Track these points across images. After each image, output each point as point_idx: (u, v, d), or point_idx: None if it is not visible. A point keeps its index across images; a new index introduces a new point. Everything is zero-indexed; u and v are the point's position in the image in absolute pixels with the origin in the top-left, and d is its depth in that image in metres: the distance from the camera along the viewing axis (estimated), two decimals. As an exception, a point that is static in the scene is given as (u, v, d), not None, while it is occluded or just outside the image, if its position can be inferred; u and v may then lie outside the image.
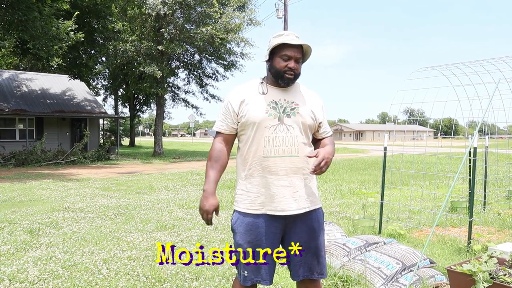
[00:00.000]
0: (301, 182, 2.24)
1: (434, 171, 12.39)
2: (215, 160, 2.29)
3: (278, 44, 2.21)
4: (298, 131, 2.23)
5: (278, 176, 2.20)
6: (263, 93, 2.26)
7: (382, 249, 3.95)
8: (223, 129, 2.31)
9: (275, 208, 2.21)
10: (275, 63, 2.23)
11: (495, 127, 7.58)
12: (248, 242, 2.23)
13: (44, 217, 6.48)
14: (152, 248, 4.78)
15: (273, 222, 2.23)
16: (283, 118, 2.22)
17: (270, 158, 2.20)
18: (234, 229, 2.30)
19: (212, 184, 2.25)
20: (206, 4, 21.10)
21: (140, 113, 43.78)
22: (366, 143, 68.87)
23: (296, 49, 2.22)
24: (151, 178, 12.53)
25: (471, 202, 4.62)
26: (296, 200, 2.22)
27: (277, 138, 2.20)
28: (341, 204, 7.76)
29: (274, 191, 2.20)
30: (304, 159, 2.25)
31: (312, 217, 2.29)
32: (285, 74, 2.21)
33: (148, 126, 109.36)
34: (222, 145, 2.32)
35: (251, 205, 2.24)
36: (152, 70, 20.99)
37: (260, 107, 2.22)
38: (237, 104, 2.26)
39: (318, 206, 2.34)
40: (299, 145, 2.23)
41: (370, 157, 22.38)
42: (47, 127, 21.47)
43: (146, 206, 7.56)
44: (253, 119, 2.21)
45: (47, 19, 14.85)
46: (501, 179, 10.05)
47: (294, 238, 2.27)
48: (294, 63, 2.21)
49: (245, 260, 2.25)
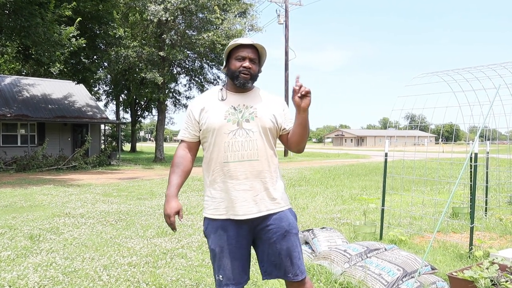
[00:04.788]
0: (262, 186, 2.26)
1: (435, 177, 12.36)
2: (177, 166, 2.36)
3: (232, 47, 2.28)
4: (258, 134, 2.26)
5: (238, 180, 2.23)
6: (222, 100, 2.31)
7: (383, 256, 3.93)
8: (185, 137, 2.39)
9: (237, 212, 2.24)
10: (231, 65, 2.29)
11: (496, 132, 7.58)
12: (219, 246, 2.27)
13: (45, 223, 6.48)
14: (152, 254, 4.77)
15: (240, 226, 2.25)
16: (242, 123, 2.26)
17: (230, 163, 2.24)
18: (206, 234, 2.36)
19: (173, 188, 2.32)
20: (207, 11, 21.19)
21: (142, 118, 43.91)
22: (368, 148, 68.77)
23: (249, 49, 2.28)
24: (152, 184, 12.52)
25: (472, 208, 4.61)
26: (257, 204, 2.24)
27: (236, 143, 2.24)
28: (342, 210, 7.75)
29: (236, 196, 2.23)
30: (265, 163, 2.27)
31: (280, 218, 2.28)
32: (240, 74, 2.26)
33: (150, 132, 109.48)
34: (185, 151, 2.39)
35: (216, 211, 2.29)
36: (154, 76, 21.05)
37: (219, 113, 2.27)
38: (198, 112, 2.33)
39: (284, 209, 2.32)
40: (258, 148, 2.25)
41: (371, 163, 22.35)
42: (48, 133, 21.52)
43: (147, 212, 7.55)
44: (212, 126, 2.26)
45: (49, 25, 14.92)
46: (503, 184, 10.01)
47: (263, 240, 2.28)
48: (249, 62, 2.26)
49: (218, 264, 2.29)
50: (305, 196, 9.54)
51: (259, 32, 23.99)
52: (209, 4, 20.80)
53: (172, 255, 4.76)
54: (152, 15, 20.33)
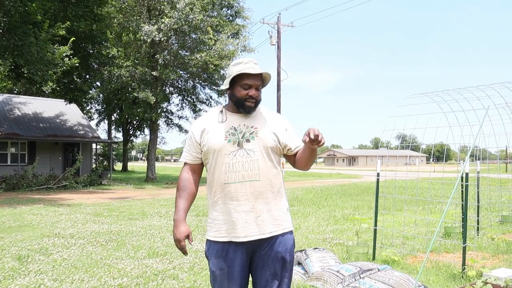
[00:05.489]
0: (264, 206, 2.22)
1: (427, 196, 12.40)
2: (182, 189, 2.34)
3: (239, 73, 2.25)
4: (259, 154, 2.23)
5: (239, 202, 2.20)
6: (222, 121, 2.30)
7: (376, 276, 3.92)
8: (188, 159, 2.38)
9: (238, 234, 2.20)
10: (236, 91, 2.27)
11: (486, 152, 7.66)
12: (220, 269, 2.23)
13: (33, 243, 6.37)
14: (143, 276, 4.70)
15: (240, 248, 2.22)
16: (242, 143, 2.23)
17: (231, 184, 2.20)
18: (207, 256, 2.32)
19: (180, 212, 2.30)
20: (200, 31, 21.43)
21: (134, 137, 43.77)
22: (359, 168, 69.01)
23: (256, 77, 2.26)
24: (143, 204, 12.41)
25: (464, 228, 4.62)
26: (258, 225, 2.20)
27: (237, 163, 2.21)
28: (334, 230, 7.72)
29: (236, 217, 2.20)
30: (267, 183, 2.23)
31: (279, 242, 2.25)
32: (245, 102, 2.25)
33: (141, 151, 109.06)
34: (189, 174, 2.37)
35: (218, 233, 2.25)
36: (146, 95, 21.10)
37: (219, 134, 2.25)
38: (199, 134, 2.31)
39: (287, 230, 2.29)
40: (260, 168, 2.22)
41: (363, 183, 22.39)
42: (39, 151, 21.36)
43: (138, 232, 7.47)
44: (213, 147, 2.25)
45: (43, 44, 14.97)
46: (494, 204, 10.06)
47: (259, 263, 2.25)
48: (255, 91, 2.25)
49: (219, 287, 2.25)
50: (297, 216, 9.50)
51: (251, 52, 24.24)
52: (202, 25, 21.05)
53: (163, 276, 4.70)
54: (145, 35, 20.51)
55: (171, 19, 20.20)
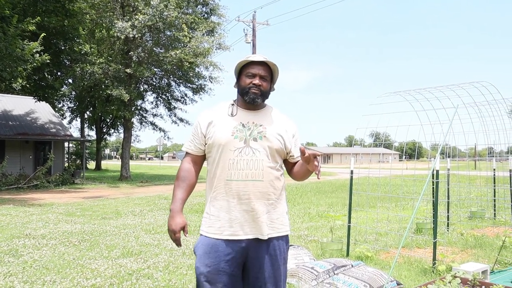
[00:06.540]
0: (264, 208, 2.18)
1: (399, 193, 12.66)
2: (182, 180, 2.29)
3: (243, 63, 2.26)
4: (264, 155, 2.19)
5: (240, 200, 2.16)
6: (232, 115, 2.26)
7: (350, 272, 3.98)
8: (190, 150, 2.33)
9: (234, 232, 2.16)
10: (241, 81, 2.26)
11: (456, 149, 7.88)
12: (206, 265, 2.16)
13: (2, 245, 6.20)
14: (117, 276, 4.64)
15: (233, 246, 2.16)
16: (249, 141, 2.20)
17: (233, 181, 2.16)
18: (195, 251, 2.25)
19: (178, 203, 2.24)
20: (175, 28, 21.21)
21: (107, 136, 43.02)
22: (334, 166, 69.75)
23: (260, 67, 2.24)
24: (117, 203, 12.23)
25: (435, 223, 4.74)
26: (257, 226, 2.17)
27: (241, 161, 2.17)
28: (309, 227, 7.80)
29: (236, 215, 2.16)
30: (269, 184, 2.20)
31: (273, 245, 2.22)
32: (250, 90, 2.22)
33: (115, 149, 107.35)
34: (190, 165, 2.32)
35: (211, 229, 2.20)
36: (120, 93, 20.77)
37: (227, 129, 2.21)
38: (205, 125, 2.27)
39: (283, 234, 2.26)
40: (264, 169, 2.18)
41: (337, 180, 22.67)
42: (8, 150, 20.74)
43: (112, 232, 7.36)
44: (218, 141, 2.20)
45: (11, 40, 14.52)
46: (463, 200, 10.36)
47: (255, 265, 2.20)
48: (259, 79, 2.22)
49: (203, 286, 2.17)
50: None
51: (226, 50, 24.13)
52: (177, 22, 20.83)
53: (138, 276, 4.65)
54: (119, 32, 20.16)
55: (145, 16, 19.92)
